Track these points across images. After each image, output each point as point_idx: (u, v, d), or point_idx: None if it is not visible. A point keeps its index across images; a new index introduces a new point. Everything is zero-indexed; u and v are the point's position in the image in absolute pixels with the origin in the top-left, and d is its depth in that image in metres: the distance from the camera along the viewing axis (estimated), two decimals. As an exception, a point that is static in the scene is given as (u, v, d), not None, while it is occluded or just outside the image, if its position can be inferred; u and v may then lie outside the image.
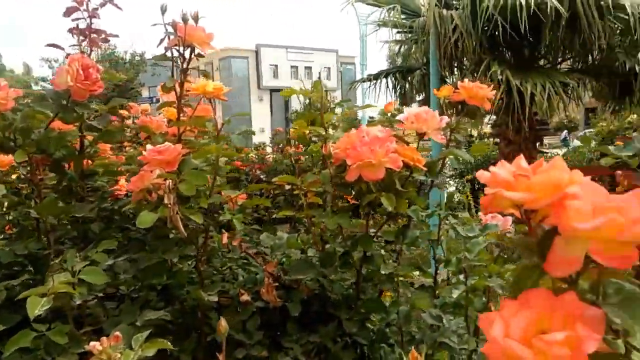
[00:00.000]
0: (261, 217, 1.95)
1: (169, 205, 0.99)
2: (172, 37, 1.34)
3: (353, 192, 1.15)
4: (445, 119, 1.21)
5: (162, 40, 1.38)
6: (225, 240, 1.21)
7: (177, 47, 1.34)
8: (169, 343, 0.91)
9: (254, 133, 1.35)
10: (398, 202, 1.11)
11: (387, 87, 6.78)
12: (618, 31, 5.14)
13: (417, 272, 1.45)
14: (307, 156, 1.49)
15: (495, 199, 0.54)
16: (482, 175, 0.55)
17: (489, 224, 1.15)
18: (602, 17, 4.63)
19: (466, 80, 1.31)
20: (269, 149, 9.19)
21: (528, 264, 0.54)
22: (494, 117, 5.78)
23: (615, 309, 0.46)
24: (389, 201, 1.06)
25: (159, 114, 1.59)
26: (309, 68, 32.90)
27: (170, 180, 1.01)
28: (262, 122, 29.33)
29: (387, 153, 1.05)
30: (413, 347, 0.76)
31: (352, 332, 1.22)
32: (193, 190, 1.02)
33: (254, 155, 8.49)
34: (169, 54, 1.36)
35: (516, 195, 0.50)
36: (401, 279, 1.33)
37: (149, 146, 1.08)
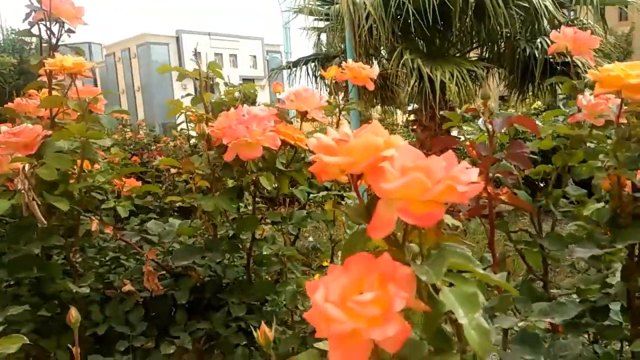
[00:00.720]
0: (162, 205, 1.89)
1: (23, 191, 0.91)
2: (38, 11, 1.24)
3: (234, 173, 1.13)
4: (326, 97, 1.21)
5: (28, 15, 1.27)
6: (94, 227, 1.14)
7: (44, 22, 1.24)
8: (25, 338, 0.84)
9: (127, 113, 1.29)
10: (280, 182, 1.10)
11: (308, 74, 6.80)
12: (520, 20, 5.45)
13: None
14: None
15: (324, 166, 0.54)
16: (310, 142, 0.54)
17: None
18: (507, 5, 4.88)
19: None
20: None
21: (358, 229, 0.55)
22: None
23: (425, 267, 0.46)
24: (267, 181, 1.04)
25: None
26: (234, 56, 32.16)
27: (27, 165, 0.93)
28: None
29: (264, 131, 1.02)
30: (263, 322, 0.75)
31: (239, 316, 1.20)
32: (54, 175, 0.95)
33: (173, 145, 8.19)
34: (35, 30, 1.26)
35: (334, 159, 0.49)
36: (293, 261, 1.33)
37: (3, 128, 0.98)
